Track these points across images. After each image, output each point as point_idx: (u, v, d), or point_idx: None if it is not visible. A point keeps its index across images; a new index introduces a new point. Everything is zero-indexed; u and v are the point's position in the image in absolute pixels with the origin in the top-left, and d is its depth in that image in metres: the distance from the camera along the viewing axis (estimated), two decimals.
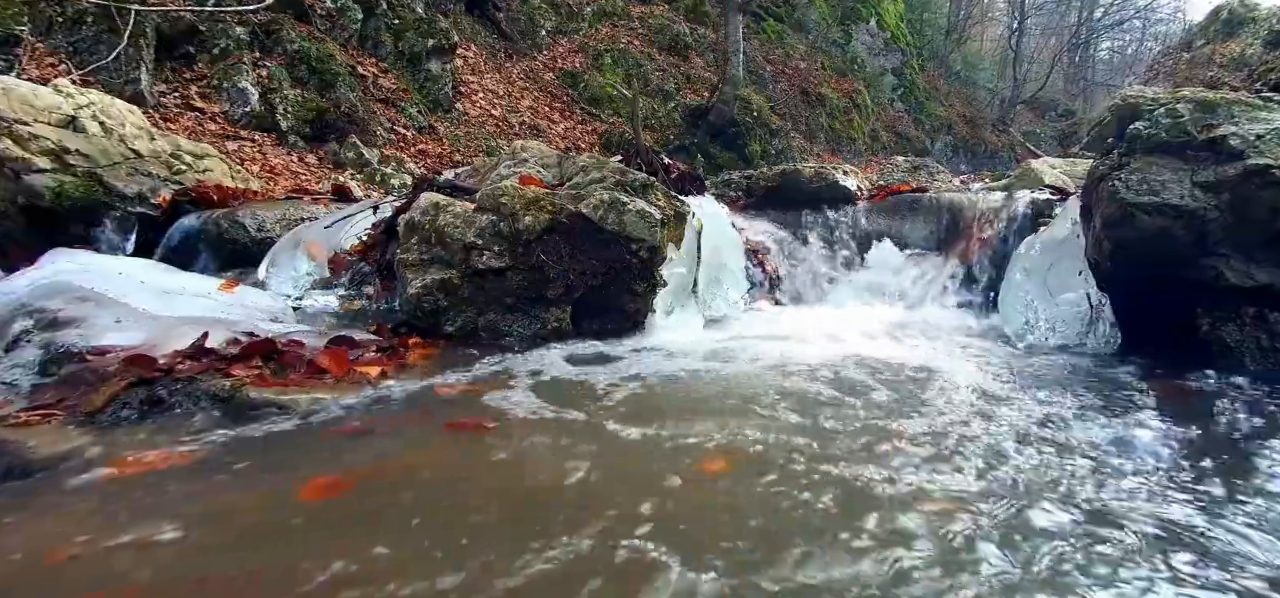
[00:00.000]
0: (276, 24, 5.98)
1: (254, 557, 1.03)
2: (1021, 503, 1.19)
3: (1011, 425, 1.58)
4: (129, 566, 1.00)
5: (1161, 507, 1.19)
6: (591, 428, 1.52)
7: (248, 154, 5.00)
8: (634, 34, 10.87)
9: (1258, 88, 6.27)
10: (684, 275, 2.71)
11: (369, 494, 1.24)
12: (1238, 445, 1.49)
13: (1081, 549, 1.05)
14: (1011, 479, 1.29)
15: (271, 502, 1.22)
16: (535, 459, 1.37)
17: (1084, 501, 1.21)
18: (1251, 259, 2.04)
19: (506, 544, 1.03)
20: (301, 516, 1.16)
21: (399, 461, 1.39)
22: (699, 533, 1.08)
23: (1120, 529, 1.11)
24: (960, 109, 18.15)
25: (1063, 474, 1.32)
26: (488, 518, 1.13)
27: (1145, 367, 2.11)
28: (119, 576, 0.97)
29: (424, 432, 1.54)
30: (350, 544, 1.04)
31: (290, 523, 1.13)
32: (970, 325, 2.79)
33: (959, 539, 1.06)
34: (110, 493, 1.22)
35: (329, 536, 1.09)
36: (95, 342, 1.83)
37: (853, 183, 3.85)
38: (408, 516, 1.14)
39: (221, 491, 1.24)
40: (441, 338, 2.27)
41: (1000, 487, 1.26)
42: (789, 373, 2.00)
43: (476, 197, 2.46)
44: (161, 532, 1.08)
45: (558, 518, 1.11)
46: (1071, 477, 1.31)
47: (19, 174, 3.06)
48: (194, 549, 1.05)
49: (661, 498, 1.18)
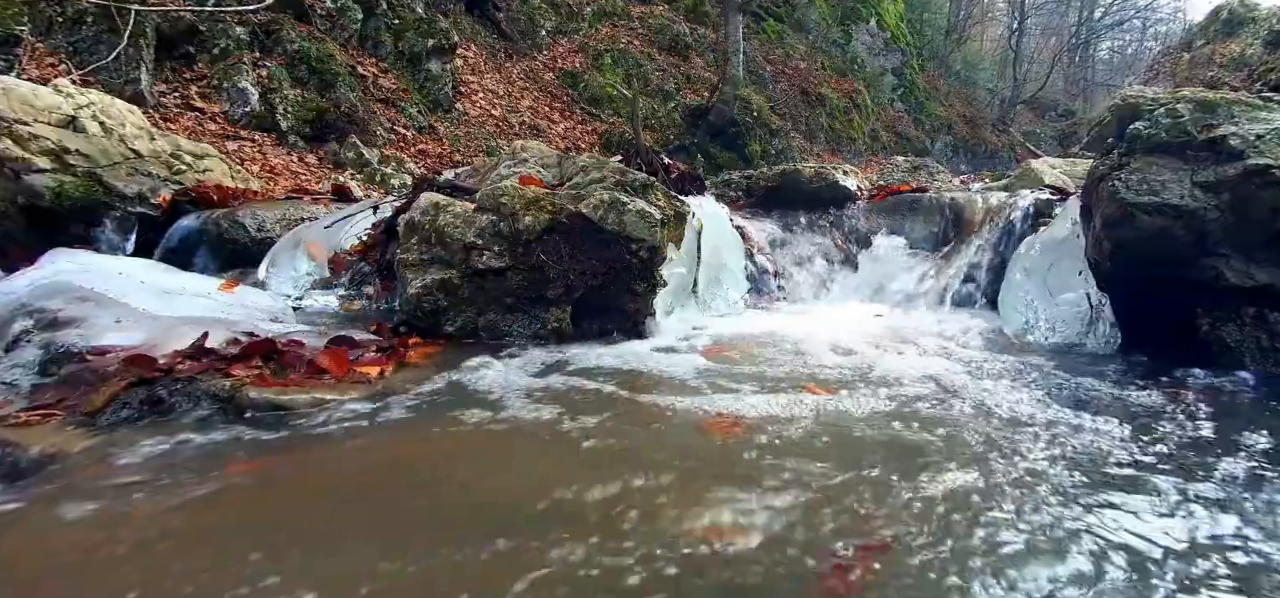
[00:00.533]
0: (276, 24, 5.98)
1: (254, 556, 1.03)
2: (1018, 501, 1.19)
3: (1011, 425, 1.58)
4: (129, 565, 1.00)
5: (1161, 507, 1.19)
6: (591, 428, 1.52)
7: (248, 154, 5.00)
8: (634, 34, 10.87)
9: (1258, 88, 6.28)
10: (684, 275, 2.71)
11: (369, 494, 1.24)
12: (1237, 445, 1.49)
13: (1079, 544, 1.05)
14: (1010, 479, 1.29)
15: (271, 501, 1.22)
16: (535, 458, 1.37)
17: (1083, 499, 1.21)
18: (1251, 259, 2.05)
19: (505, 543, 1.03)
20: (301, 515, 1.16)
21: (399, 461, 1.39)
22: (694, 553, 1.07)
23: (1119, 527, 1.11)
24: (960, 109, 18.15)
25: (1063, 473, 1.32)
26: (488, 517, 1.13)
27: (1145, 367, 2.11)
28: (119, 576, 0.97)
29: (424, 432, 1.54)
30: (349, 544, 1.04)
31: (290, 522, 1.13)
32: (970, 325, 2.79)
33: (959, 529, 1.06)
34: (110, 493, 1.22)
35: (328, 535, 1.09)
36: (95, 342, 1.83)
37: (853, 183, 3.85)
38: (408, 515, 1.14)
39: (221, 490, 1.24)
40: (442, 338, 2.27)
41: (998, 487, 1.26)
42: (789, 372, 2.00)
43: (476, 197, 2.46)
44: (161, 532, 1.08)
45: (558, 517, 1.11)
46: (1071, 475, 1.31)
47: (19, 174, 3.06)
48: (194, 549, 1.05)
49: (661, 498, 1.18)
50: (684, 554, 1.00)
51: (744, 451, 1.41)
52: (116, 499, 1.19)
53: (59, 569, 1.00)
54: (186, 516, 1.13)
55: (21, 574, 1.00)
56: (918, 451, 1.42)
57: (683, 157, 8.48)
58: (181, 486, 1.25)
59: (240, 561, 1.01)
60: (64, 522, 1.12)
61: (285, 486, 1.29)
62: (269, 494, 1.25)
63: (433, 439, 1.50)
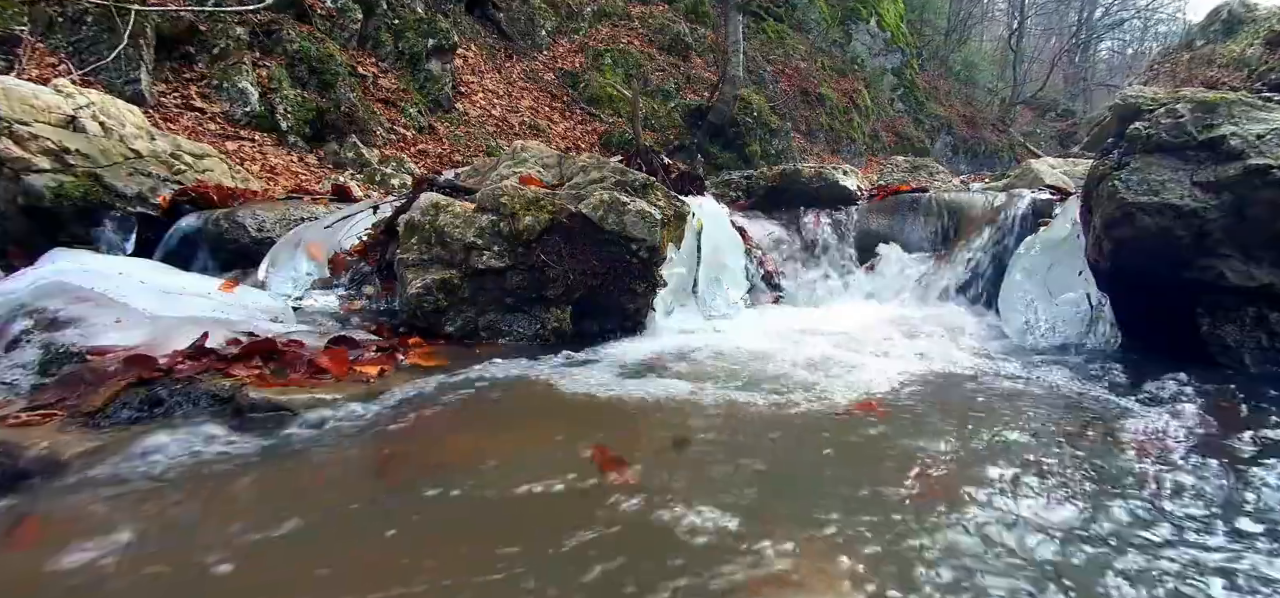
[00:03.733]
0: (276, 24, 5.98)
1: (254, 556, 1.03)
2: (1019, 501, 1.19)
3: (1009, 423, 1.58)
4: (128, 565, 1.00)
5: (1159, 504, 1.19)
6: (590, 428, 1.52)
7: (248, 154, 5.00)
8: (634, 34, 10.87)
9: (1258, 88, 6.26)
10: (684, 275, 2.71)
11: (369, 494, 1.24)
12: (1237, 445, 1.49)
13: (1077, 540, 1.05)
14: (1011, 480, 1.29)
15: (271, 501, 1.22)
16: (535, 459, 1.37)
17: (1080, 496, 1.21)
18: (1251, 259, 2.05)
19: (499, 544, 1.03)
20: (299, 514, 1.16)
21: (399, 461, 1.39)
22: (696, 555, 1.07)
23: (1116, 526, 1.11)
24: (960, 109, 18.14)
25: (1061, 470, 1.32)
26: (488, 518, 1.13)
27: (1145, 366, 2.11)
28: (118, 576, 0.97)
29: (424, 432, 1.54)
30: (348, 544, 1.04)
31: (289, 522, 1.13)
32: (970, 325, 2.79)
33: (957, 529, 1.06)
34: (110, 493, 1.22)
35: (327, 535, 1.09)
36: (95, 342, 1.83)
37: (852, 183, 3.85)
38: (408, 515, 1.14)
39: (221, 489, 1.24)
40: (442, 338, 2.27)
41: (999, 487, 1.26)
42: (789, 372, 2.00)
43: (476, 197, 2.46)
44: (161, 532, 1.08)
45: (558, 517, 1.11)
46: (1070, 472, 1.31)
47: (19, 174, 3.06)
48: (193, 549, 1.05)
49: (660, 499, 1.18)
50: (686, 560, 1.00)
51: (746, 450, 1.41)
52: (116, 500, 1.19)
53: (59, 569, 1.00)
54: (187, 515, 1.13)
55: (21, 574, 1.00)
56: (919, 451, 1.42)
57: (683, 157, 8.48)
58: (182, 485, 1.25)
59: (240, 560, 1.01)
60: (64, 522, 1.12)
61: (285, 485, 1.29)
62: (269, 494, 1.25)
63: (433, 439, 1.50)
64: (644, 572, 0.96)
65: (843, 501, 1.18)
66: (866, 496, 1.21)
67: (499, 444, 1.46)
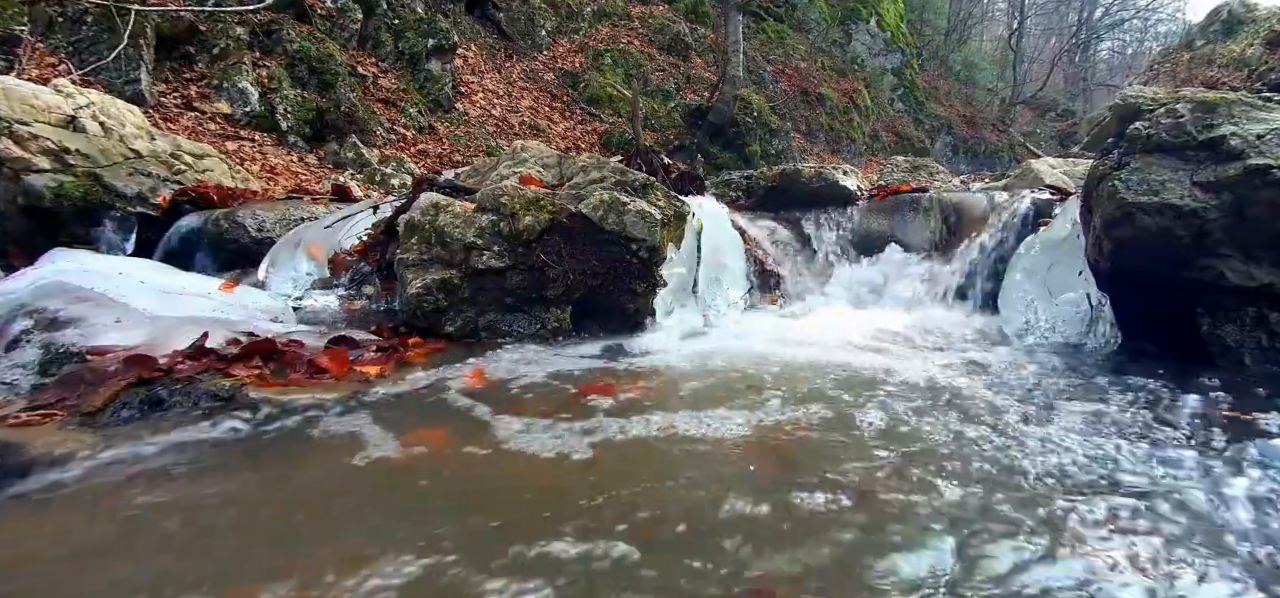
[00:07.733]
0: (276, 24, 5.98)
1: (254, 555, 1.03)
2: (1018, 501, 1.19)
3: (1009, 423, 1.58)
4: (128, 565, 1.00)
5: (1160, 506, 1.19)
6: (589, 428, 1.52)
7: (248, 154, 5.00)
8: (634, 34, 10.87)
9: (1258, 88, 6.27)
10: (684, 275, 2.71)
11: (369, 493, 1.24)
12: (1237, 444, 1.49)
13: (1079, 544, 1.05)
14: (1010, 478, 1.29)
15: (271, 500, 1.22)
16: (535, 459, 1.37)
17: (1078, 494, 1.21)
18: (1252, 259, 2.04)
19: (504, 544, 1.03)
20: (301, 513, 1.16)
21: (399, 460, 1.39)
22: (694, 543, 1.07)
23: (1120, 527, 1.11)
24: (960, 109, 18.14)
25: (1060, 469, 1.32)
26: (489, 517, 1.13)
27: (1145, 366, 2.10)
28: (119, 576, 0.97)
29: (424, 432, 1.54)
30: (349, 543, 1.04)
31: (289, 522, 1.13)
32: (970, 325, 2.79)
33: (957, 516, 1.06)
34: (109, 493, 1.22)
35: (328, 534, 1.09)
36: (95, 342, 1.83)
37: (852, 183, 3.85)
38: (408, 514, 1.14)
39: (221, 489, 1.24)
40: (442, 338, 2.27)
41: (999, 487, 1.26)
42: (789, 372, 2.00)
43: (476, 197, 2.46)
44: (161, 531, 1.08)
45: (554, 518, 1.11)
46: (1068, 471, 1.31)
47: (19, 174, 3.06)
48: (194, 548, 1.05)
49: (659, 500, 1.18)
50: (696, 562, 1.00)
51: (745, 452, 1.41)
52: (116, 499, 1.19)
53: (59, 570, 1.00)
54: (187, 515, 1.13)
55: (21, 575, 1.00)
56: (918, 452, 1.42)
57: (683, 156, 8.48)
58: (182, 485, 1.25)
59: (240, 559, 1.01)
60: (64, 522, 1.12)
61: (285, 485, 1.29)
62: (269, 493, 1.25)
63: (433, 439, 1.50)
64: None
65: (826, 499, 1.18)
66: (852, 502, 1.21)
67: (499, 444, 1.45)
